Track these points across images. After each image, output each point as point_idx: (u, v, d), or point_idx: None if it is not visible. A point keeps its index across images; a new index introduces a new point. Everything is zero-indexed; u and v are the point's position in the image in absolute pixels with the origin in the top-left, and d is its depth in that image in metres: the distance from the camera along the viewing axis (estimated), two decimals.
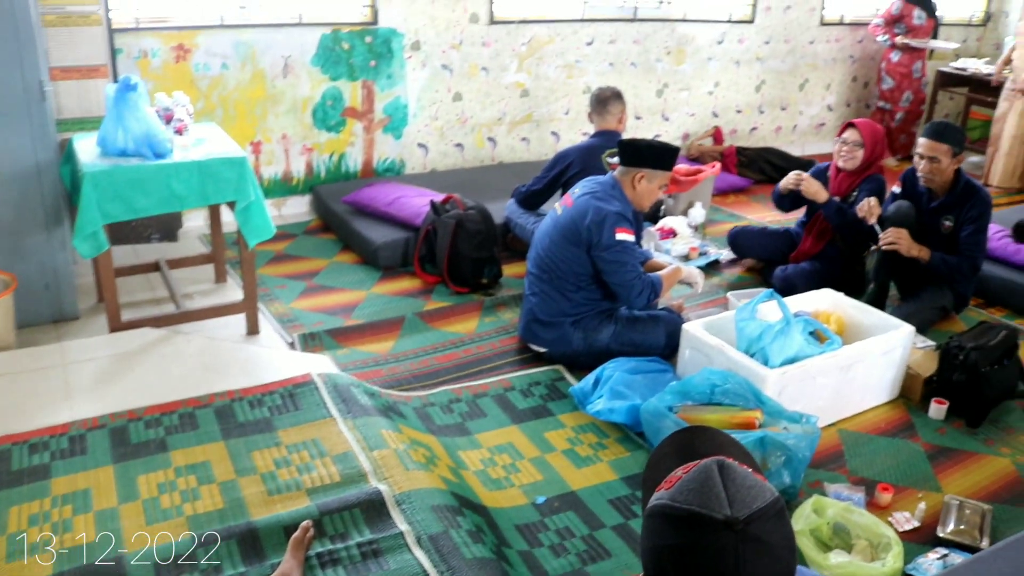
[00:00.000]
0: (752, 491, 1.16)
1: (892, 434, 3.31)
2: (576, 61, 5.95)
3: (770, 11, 6.75)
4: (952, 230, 4.02)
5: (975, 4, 8.22)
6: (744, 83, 6.85)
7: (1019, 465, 3.17)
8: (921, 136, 4.01)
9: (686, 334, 3.36)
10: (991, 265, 4.53)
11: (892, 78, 7.11)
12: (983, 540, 2.69)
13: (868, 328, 3.52)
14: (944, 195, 4.05)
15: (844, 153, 4.27)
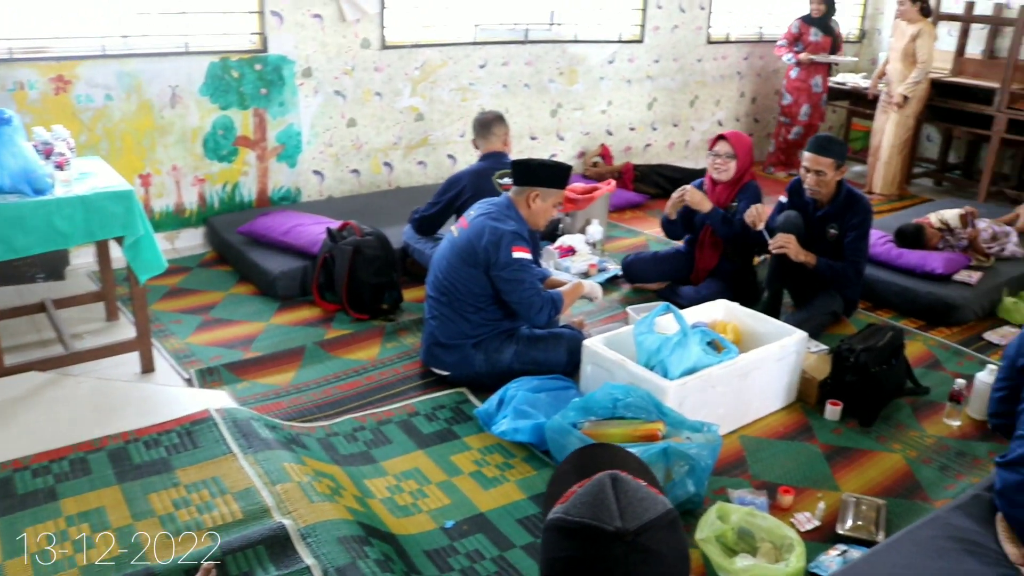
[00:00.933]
0: (644, 503, 1.18)
1: (791, 437, 3.40)
2: (470, 84, 5.99)
3: (658, 31, 6.92)
4: (837, 237, 4.18)
5: (852, 22, 8.58)
6: (636, 101, 7.00)
7: (910, 460, 3.29)
8: (806, 151, 4.15)
9: (587, 350, 3.39)
10: (877, 269, 4.72)
11: (791, 94, 7.36)
12: (879, 534, 2.79)
13: (763, 336, 3.62)
14: (828, 204, 4.21)
15: (718, 165, 4.38)
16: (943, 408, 3.62)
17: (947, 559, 2.41)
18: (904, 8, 6.70)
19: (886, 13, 8.45)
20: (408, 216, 4.69)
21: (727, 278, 4.44)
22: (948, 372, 3.98)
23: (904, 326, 4.41)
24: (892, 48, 6.94)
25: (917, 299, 4.53)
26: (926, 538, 2.51)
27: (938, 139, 8.12)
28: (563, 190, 3.60)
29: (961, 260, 4.77)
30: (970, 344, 4.32)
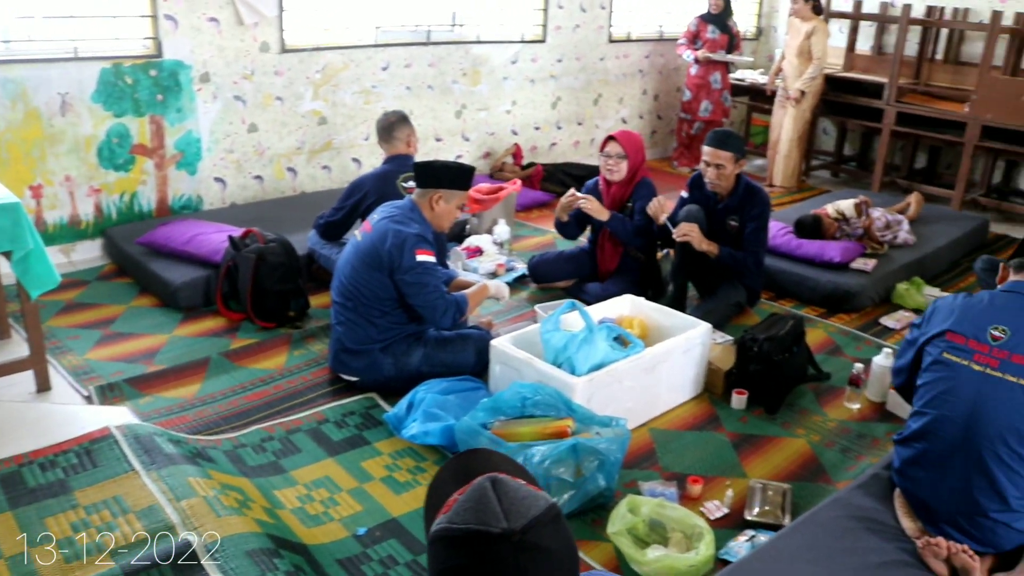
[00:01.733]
0: (526, 501, 1.19)
1: (699, 428, 3.47)
2: (372, 87, 5.94)
3: (560, 30, 6.97)
4: (737, 229, 4.28)
5: (748, 20, 8.79)
6: (540, 100, 7.04)
7: (813, 444, 3.39)
8: (705, 145, 4.25)
9: (495, 350, 3.40)
10: (778, 260, 4.85)
11: (691, 90, 7.51)
12: (786, 517, 2.86)
13: (669, 329, 3.67)
14: (728, 197, 4.30)
15: (610, 166, 4.42)
16: (844, 392, 3.74)
17: (849, 538, 2.49)
18: (798, 7, 6.90)
19: (781, 11, 8.68)
20: (313, 222, 4.63)
21: (632, 274, 4.50)
22: (848, 357, 4.11)
23: (805, 314, 4.55)
24: (787, 45, 7.14)
25: (817, 287, 4.67)
26: (829, 519, 2.59)
27: (834, 132, 8.37)
28: (467, 191, 3.60)
29: (857, 249, 4.93)
30: (868, 329, 4.47)
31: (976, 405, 2.36)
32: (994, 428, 2.33)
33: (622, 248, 4.50)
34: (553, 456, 2.75)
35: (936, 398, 2.47)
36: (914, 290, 4.81)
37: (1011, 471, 2.32)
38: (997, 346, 2.36)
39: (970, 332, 2.42)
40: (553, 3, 6.84)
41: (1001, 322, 2.39)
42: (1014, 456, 2.31)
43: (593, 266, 4.63)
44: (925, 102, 7.16)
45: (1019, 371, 2.32)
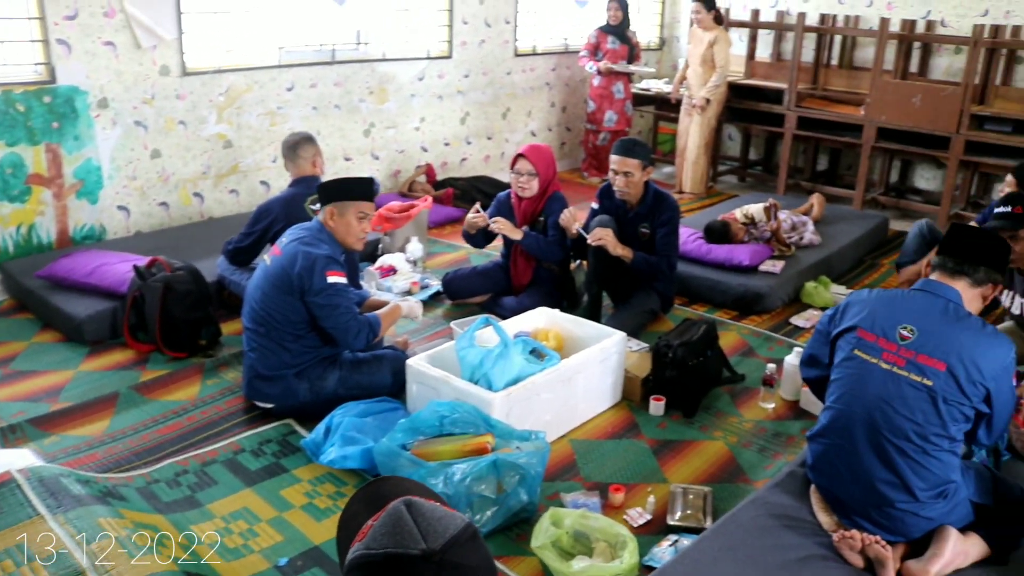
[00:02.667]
0: (443, 521, 1.19)
1: (619, 436, 3.49)
2: (278, 108, 5.86)
3: (466, 46, 6.99)
4: (649, 236, 4.34)
5: (651, 31, 8.95)
6: (449, 116, 7.04)
7: (731, 445, 3.45)
8: (613, 154, 4.30)
9: (411, 369, 3.37)
10: (689, 265, 4.93)
11: (595, 101, 7.59)
12: (707, 520, 2.90)
13: (585, 339, 3.70)
14: (638, 205, 4.36)
15: (522, 184, 4.43)
16: (758, 393, 3.81)
17: (769, 536, 2.53)
18: (700, 16, 7.05)
19: (682, 21, 8.86)
20: (222, 247, 4.53)
21: (547, 286, 4.53)
22: (761, 358, 4.19)
23: (718, 318, 4.63)
24: (691, 55, 7.29)
25: (728, 291, 4.76)
26: (749, 519, 2.63)
27: (739, 138, 8.57)
28: (361, 202, 3.49)
29: (765, 251, 5.05)
30: (779, 329, 4.58)
31: (882, 402, 2.42)
32: (899, 424, 2.39)
33: (535, 261, 4.52)
34: (474, 473, 2.74)
35: (845, 394, 2.53)
36: (821, 289, 4.95)
37: (916, 464, 2.39)
38: (905, 345, 2.43)
39: (880, 330, 2.49)
40: (458, 19, 6.86)
41: (910, 322, 2.45)
42: (918, 451, 2.39)
43: (507, 280, 4.64)
44: (823, 106, 7.39)
45: (923, 371, 2.38)
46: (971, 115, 6.50)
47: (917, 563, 2.40)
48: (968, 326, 2.41)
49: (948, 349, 2.36)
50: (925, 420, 2.37)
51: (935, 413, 2.37)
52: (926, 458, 2.39)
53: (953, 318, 2.43)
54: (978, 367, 2.34)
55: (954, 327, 2.40)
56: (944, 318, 2.43)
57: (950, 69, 7.34)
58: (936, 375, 2.36)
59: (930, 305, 2.48)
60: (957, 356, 2.35)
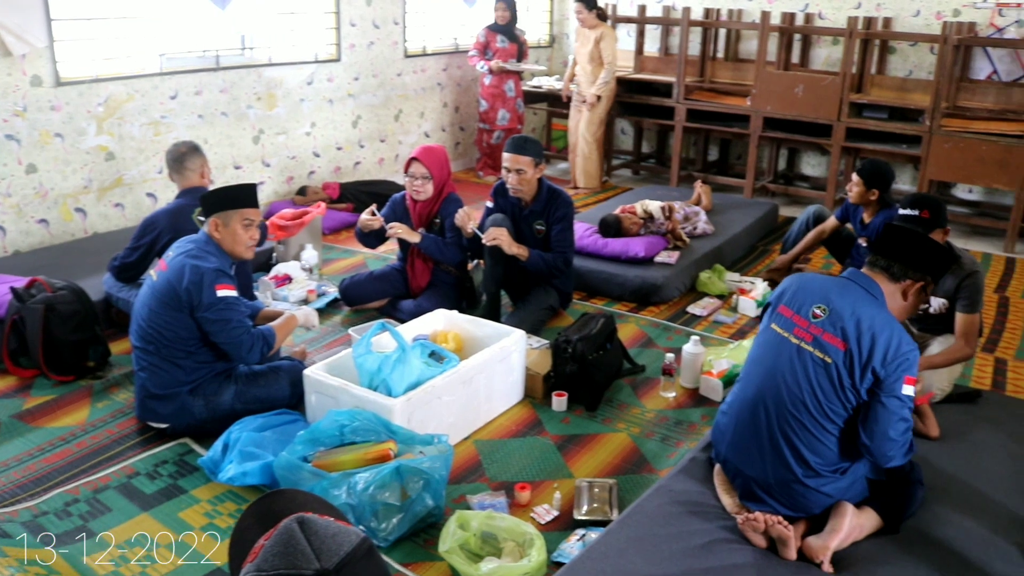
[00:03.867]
0: (337, 538, 1.16)
1: (523, 434, 3.49)
2: (162, 117, 5.67)
3: (354, 48, 6.90)
4: (544, 233, 4.36)
5: (541, 28, 9.00)
6: (340, 120, 6.94)
7: (634, 436, 3.48)
8: (505, 152, 4.29)
9: (308, 379, 3.30)
10: (586, 260, 4.97)
11: (487, 100, 7.58)
12: (613, 512, 2.92)
13: (484, 339, 3.69)
14: (533, 203, 4.37)
15: (416, 187, 4.39)
16: (659, 383, 3.86)
17: (674, 524, 2.57)
18: (583, 16, 7.11)
19: (570, 19, 8.93)
20: (108, 264, 4.36)
21: (445, 288, 4.50)
22: (660, 348, 4.25)
23: (616, 311, 4.68)
24: (578, 53, 7.36)
25: (625, 283, 4.82)
26: (653, 508, 2.66)
27: (631, 132, 8.69)
28: (245, 208, 3.39)
29: (660, 243, 5.13)
30: (677, 319, 4.65)
31: (788, 376, 2.50)
32: (800, 398, 2.47)
33: (433, 263, 4.49)
34: (377, 481, 2.70)
35: (760, 366, 2.62)
36: (716, 277, 5.05)
37: (814, 439, 2.47)
38: (815, 323, 2.50)
39: (796, 306, 2.57)
40: (345, 21, 6.77)
41: (824, 302, 2.53)
42: (817, 426, 2.46)
43: (405, 283, 4.60)
44: (711, 98, 7.55)
45: (825, 348, 2.46)
46: (850, 103, 6.74)
47: (817, 539, 2.47)
48: (878, 313, 2.47)
49: (850, 331, 2.44)
50: (824, 397, 2.45)
51: (833, 391, 2.44)
52: (825, 435, 2.47)
53: (865, 303, 2.49)
54: (872, 352, 2.40)
55: (863, 310, 2.46)
56: (857, 303, 2.49)
57: (829, 59, 7.59)
58: (836, 353, 2.44)
59: (848, 290, 2.55)
60: (856, 337, 2.42)
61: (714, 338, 4.40)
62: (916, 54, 7.29)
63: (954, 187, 7.38)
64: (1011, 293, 5.47)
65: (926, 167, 6.51)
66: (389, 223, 4.37)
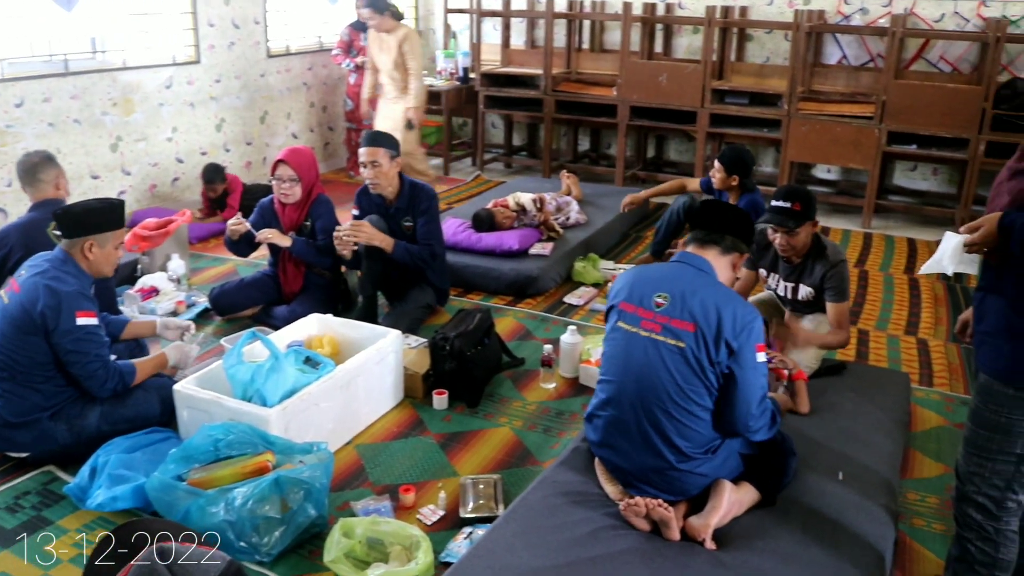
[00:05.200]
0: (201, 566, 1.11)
1: (405, 435, 3.46)
2: (7, 126, 5.37)
3: (214, 49, 6.69)
4: (413, 229, 4.33)
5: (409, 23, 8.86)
6: (203, 124, 6.72)
7: (516, 430, 3.49)
8: (360, 147, 4.26)
9: (179, 394, 3.17)
10: (461, 255, 4.97)
11: (352, 99, 7.44)
12: (499, 508, 2.92)
13: (360, 342, 3.63)
14: (397, 200, 4.34)
15: (284, 190, 4.30)
16: (539, 374, 3.89)
17: (559, 515, 2.59)
18: (376, 21, 6.64)
19: (436, 13, 8.88)
20: None
21: (319, 291, 4.42)
22: (539, 339, 4.28)
23: (494, 304, 4.69)
24: (377, 60, 6.89)
25: (501, 277, 4.83)
26: (538, 500, 2.67)
27: (502, 125, 8.72)
28: (121, 229, 3.27)
29: (534, 234, 5.16)
30: (554, 310, 4.69)
31: (647, 369, 2.53)
32: (661, 388, 2.50)
33: (305, 267, 4.40)
34: (256, 495, 2.63)
35: (615, 366, 2.63)
36: (591, 266, 5.12)
37: (682, 425, 2.51)
38: (660, 312, 2.54)
39: (638, 300, 2.60)
40: (203, 21, 6.55)
41: (664, 289, 2.56)
42: (683, 412, 2.51)
43: (278, 289, 4.48)
44: (579, 89, 7.65)
45: (676, 334, 2.50)
46: (712, 90, 6.94)
47: (698, 518, 2.52)
48: (716, 289, 2.55)
49: (696, 311, 2.49)
50: (685, 382, 2.49)
51: (692, 374, 2.49)
52: (692, 418, 2.51)
53: (703, 283, 2.56)
54: (720, 323, 2.47)
55: (702, 290, 2.53)
56: (694, 283, 2.56)
57: (691, 48, 7.79)
58: (687, 336, 2.48)
59: (683, 273, 2.61)
60: (703, 315, 2.48)
61: (591, 327, 4.46)
62: (772, 41, 7.55)
63: (813, 168, 7.69)
64: (870, 267, 5.73)
65: (786, 149, 6.77)
66: (259, 229, 4.26)
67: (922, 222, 6.85)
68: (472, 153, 8.36)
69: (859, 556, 2.47)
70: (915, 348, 4.46)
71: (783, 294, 3.75)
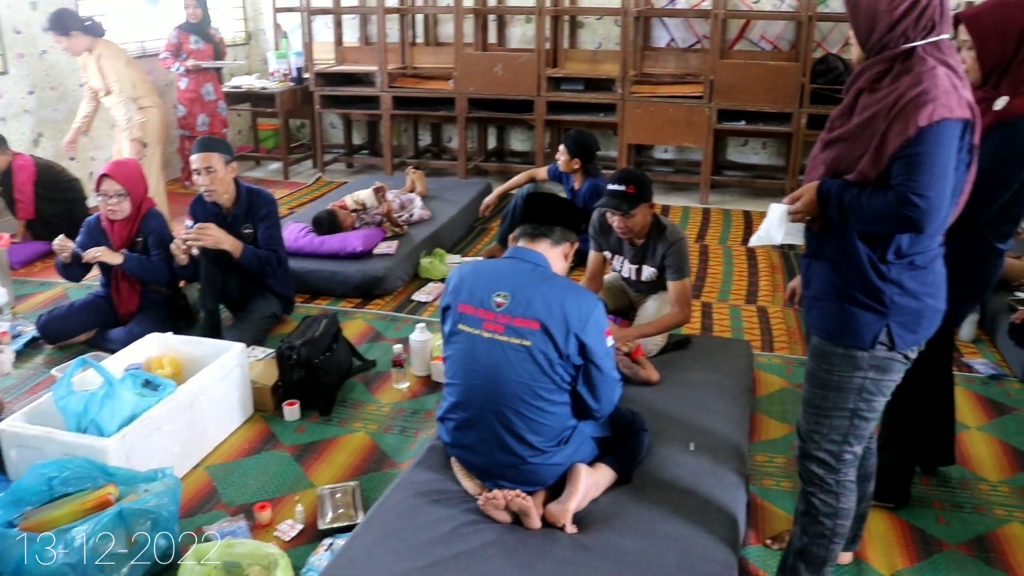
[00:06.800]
0: None
1: (257, 451, 3.36)
2: None
3: (24, 58, 6.29)
4: (253, 236, 4.20)
5: (236, 25, 8.63)
6: (18, 140, 6.30)
7: (372, 434, 3.45)
8: (192, 154, 4.12)
9: (4, 433, 2.96)
10: (304, 261, 4.86)
11: (184, 105, 7.12)
12: (359, 515, 2.88)
13: (203, 359, 3.49)
14: (234, 207, 4.21)
15: (112, 206, 4.09)
16: (391, 375, 3.84)
17: (418, 516, 2.56)
18: (65, 44, 5.50)
19: (266, 13, 8.64)
20: None
21: (158, 310, 4.23)
22: (389, 340, 4.24)
23: (342, 308, 4.61)
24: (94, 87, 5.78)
25: (347, 280, 4.76)
26: (396, 503, 2.64)
27: (340, 125, 8.58)
28: None
29: (378, 234, 5.10)
30: (403, 308, 4.66)
31: (493, 370, 2.51)
32: (510, 388, 2.50)
33: (141, 285, 4.20)
34: (98, 532, 2.48)
35: (460, 369, 2.60)
36: (437, 261, 5.10)
37: (532, 421, 2.52)
38: (501, 312, 2.52)
39: (477, 301, 2.57)
40: (8, 28, 6.13)
41: (503, 288, 2.55)
42: (533, 409, 2.51)
43: (113, 310, 4.26)
44: (416, 84, 7.61)
45: (520, 333, 2.49)
46: (548, 78, 7.03)
47: (556, 504, 2.54)
48: (555, 284, 2.56)
49: (539, 307, 2.49)
50: (532, 380, 2.49)
51: (540, 371, 2.49)
52: (542, 414, 2.52)
53: (540, 278, 2.57)
54: (566, 318, 2.49)
55: (541, 286, 2.54)
56: (532, 279, 2.56)
57: (524, 37, 7.87)
58: (532, 334, 2.48)
59: (519, 269, 2.61)
60: (547, 312, 2.49)
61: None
62: (603, 27, 7.70)
63: (651, 149, 7.90)
64: (709, 241, 5.94)
65: (623, 132, 6.93)
66: (86, 248, 4.04)
67: (755, 194, 7.15)
68: (312, 155, 8.17)
69: (714, 522, 2.55)
70: (755, 316, 4.65)
71: (628, 275, 3.84)
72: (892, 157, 1.94)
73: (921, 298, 2.12)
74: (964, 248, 2.56)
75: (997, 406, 3.71)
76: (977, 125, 2.03)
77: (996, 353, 4.21)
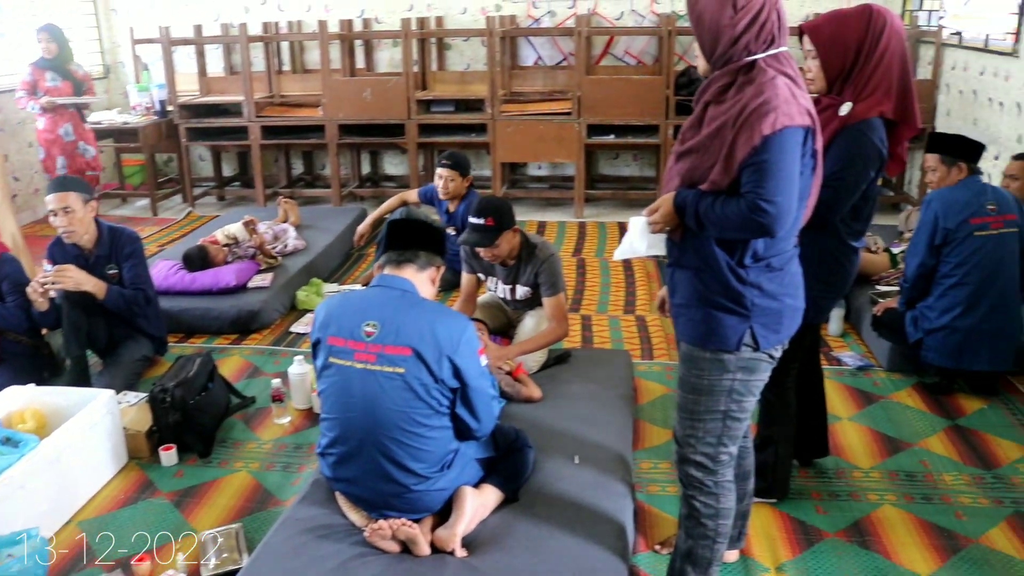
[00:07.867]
0: None
1: (134, 501, 3.23)
2: None
3: None
4: (119, 276, 4.04)
5: (93, 59, 8.30)
6: None
7: (254, 472, 3.36)
8: (48, 195, 3.92)
9: None
10: (176, 299, 4.71)
11: (44, 147, 6.68)
12: (243, 558, 2.79)
13: (71, 409, 3.32)
14: (96, 248, 4.04)
15: None
16: (271, 411, 3.75)
17: (304, 553, 2.50)
18: None
19: (124, 45, 8.37)
20: None
21: (18, 360, 4.00)
22: (269, 375, 4.14)
23: (218, 345, 4.48)
24: None
25: (222, 316, 4.63)
26: (281, 542, 2.57)
27: (209, 157, 8.38)
28: None
29: (251, 267, 4.99)
30: (281, 341, 4.57)
31: (368, 400, 2.48)
32: (387, 417, 2.47)
33: None
34: None
35: (336, 403, 2.56)
36: (314, 292, 5.02)
37: (413, 448, 2.49)
38: (371, 341, 2.49)
39: (347, 333, 2.53)
40: None
41: (372, 317, 2.52)
42: (412, 436, 2.49)
43: None
44: (284, 112, 7.51)
45: (393, 361, 2.47)
46: (417, 101, 7.03)
47: (444, 529, 2.52)
48: (424, 309, 2.55)
49: (410, 333, 2.48)
50: (409, 407, 2.47)
51: (415, 398, 2.47)
52: (422, 440, 2.50)
53: (409, 304, 2.55)
54: (438, 342, 2.48)
55: (411, 312, 2.52)
56: (401, 306, 2.54)
57: (392, 61, 7.86)
58: (405, 361, 2.46)
59: (387, 297, 2.58)
60: (418, 337, 2.47)
61: None
62: (471, 48, 7.76)
63: (525, 166, 7.98)
64: (586, 254, 6.04)
65: (495, 151, 6.99)
66: None
67: (629, 206, 7.31)
68: (181, 190, 7.93)
69: (603, 532, 2.58)
70: (634, 325, 4.74)
71: (504, 296, 3.86)
72: (741, 166, 2.01)
73: (780, 299, 2.20)
74: (820, 248, 2.68)
75: (865, 396, 3.88)
76: (817, 132, 2.12)
77: (862, 345, 4.40)
